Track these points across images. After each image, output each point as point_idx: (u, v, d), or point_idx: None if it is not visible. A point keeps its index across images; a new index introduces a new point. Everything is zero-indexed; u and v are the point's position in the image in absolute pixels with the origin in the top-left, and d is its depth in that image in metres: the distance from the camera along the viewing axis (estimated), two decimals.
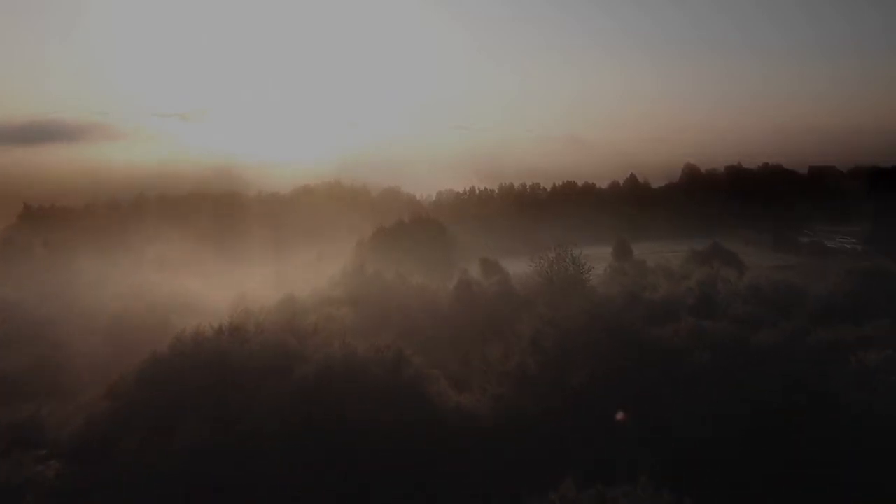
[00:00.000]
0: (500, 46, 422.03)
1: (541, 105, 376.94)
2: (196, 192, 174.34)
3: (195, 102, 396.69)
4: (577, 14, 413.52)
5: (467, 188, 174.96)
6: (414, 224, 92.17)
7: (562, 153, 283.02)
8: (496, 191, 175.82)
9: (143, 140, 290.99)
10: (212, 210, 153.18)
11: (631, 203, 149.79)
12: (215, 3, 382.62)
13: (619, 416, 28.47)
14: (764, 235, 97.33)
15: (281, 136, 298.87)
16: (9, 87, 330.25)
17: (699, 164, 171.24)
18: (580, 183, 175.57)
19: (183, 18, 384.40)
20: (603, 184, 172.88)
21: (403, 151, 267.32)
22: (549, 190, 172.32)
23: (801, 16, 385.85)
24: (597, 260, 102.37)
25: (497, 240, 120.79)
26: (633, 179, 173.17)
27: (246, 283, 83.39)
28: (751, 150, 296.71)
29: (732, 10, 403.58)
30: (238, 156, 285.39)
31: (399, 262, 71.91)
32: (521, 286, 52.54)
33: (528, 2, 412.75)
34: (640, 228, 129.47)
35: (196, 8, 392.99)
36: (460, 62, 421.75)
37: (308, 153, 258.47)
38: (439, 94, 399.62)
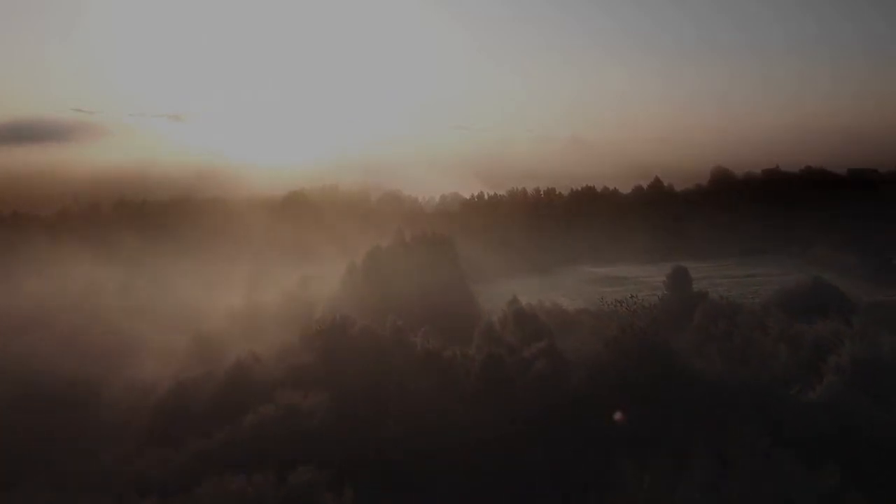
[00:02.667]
0: (500, 46, 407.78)
1: (541, 105, 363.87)
2: (179, 197, 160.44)
3: (188, 102, 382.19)
4: (577, 14, 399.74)
5: (475, 194, 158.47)
6: (417, 242, 75.60)
7: (564, 154, 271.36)
8: (506, 196, 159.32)
9: (132, 140, 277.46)
10: (193, 218, 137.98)
11: (659, 211, 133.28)
12: (211, 2, 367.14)
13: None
14: (845, 256, 79.66)
15: (277, 137, 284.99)
16: None
17: (710, 166, 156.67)
18: (599, 188, 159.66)
19: (178, 16, 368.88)
20: (620, 187, 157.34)
21: (403, 152, 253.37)
22: (565, 195, 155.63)
23: (804, 16, 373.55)
24: (638, 285, 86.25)
25: (514, 256, 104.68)
26: (657, 184, 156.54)
27: (207, 321, 68.53)
28: (758, 151, 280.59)
29: (734, 10, 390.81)
30: (231, 158, 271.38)
31: (398, 299, 55.65)
32: (576, 356, 35.96)
33: (528, 1, 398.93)
34: (677, 242, 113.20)
35: (191, 6, 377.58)
36: (460, 62, 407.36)
37: (304, 155, 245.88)
38: (439, 94, 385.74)
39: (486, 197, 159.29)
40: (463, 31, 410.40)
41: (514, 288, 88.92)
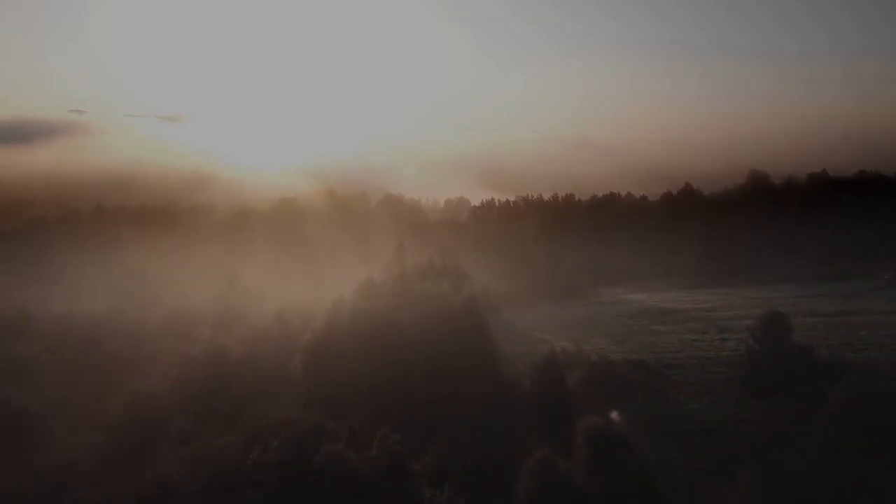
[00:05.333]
0: (505, 47, 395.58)
1: (547, 106, 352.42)
2: (163, 204, 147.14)
3: (184, 103, 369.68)
4: (582, 15, 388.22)
5: (485, 200, 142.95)
6: (420, 272, 59.82)
7: (571, 154, 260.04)
8: (520, 203, 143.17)
9: (126, 142, 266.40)
10: (174, 229, 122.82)
11: (695, 222, 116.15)
12: (209, 4, 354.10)
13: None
14: None
15: (275, 139, 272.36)
16: None
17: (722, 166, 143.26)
18: (622, 193, 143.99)
19: (177, 18, 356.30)
20: (636, 189, 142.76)
21: (404, 154, 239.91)
22: (585, 202, 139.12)
23: (809, 18, 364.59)
24: (697, 322, 68.46)
25: (534, 276, 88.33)
26: (688, 189, 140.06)
27: (151, 376, 54.72)
28: (768, 152, 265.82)
29: (739, 12, 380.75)
30: (226, 159, 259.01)
31: (391, 379, 39.76)
32: None
33: (533, 3, 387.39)
34: (726, 260, 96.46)
35: (189, 8, 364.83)
36: (464, 63, 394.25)
37: (303, 157, 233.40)
38: (443, 94, 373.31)
39: (496, 203, 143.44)
40: (467, 32, 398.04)
41: (539, 320, 72.70)
